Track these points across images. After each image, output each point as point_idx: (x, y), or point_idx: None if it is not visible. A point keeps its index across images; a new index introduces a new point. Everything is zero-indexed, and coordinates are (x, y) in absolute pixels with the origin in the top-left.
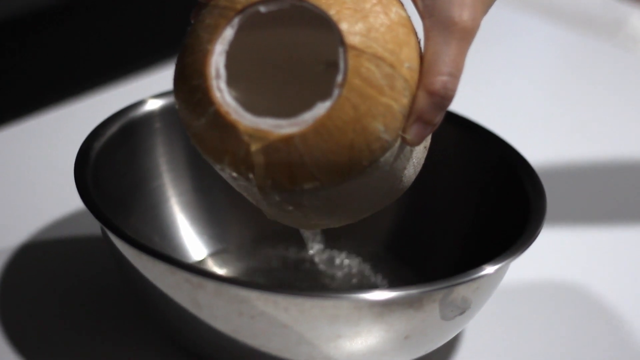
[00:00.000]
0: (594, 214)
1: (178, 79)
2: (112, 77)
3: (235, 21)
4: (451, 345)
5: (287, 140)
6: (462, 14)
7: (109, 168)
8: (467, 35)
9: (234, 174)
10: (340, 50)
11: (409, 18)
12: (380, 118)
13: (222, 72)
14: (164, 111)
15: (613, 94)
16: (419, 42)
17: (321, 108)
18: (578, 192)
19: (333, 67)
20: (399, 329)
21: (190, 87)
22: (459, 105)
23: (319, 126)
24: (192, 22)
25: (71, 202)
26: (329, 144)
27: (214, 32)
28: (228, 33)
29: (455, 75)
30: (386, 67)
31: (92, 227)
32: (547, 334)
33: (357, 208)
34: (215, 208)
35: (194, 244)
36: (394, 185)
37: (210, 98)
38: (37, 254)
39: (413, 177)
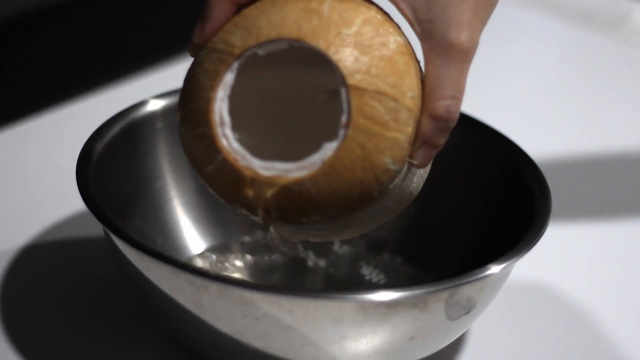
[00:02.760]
0: (598, 210)
1: (183, 125)
2: (114, 77)
3: (235, 66)
4: (456, 345)
5: (297, 184)
6: (460, 35)
7: (111, 169)
8: (466, 55)
9: (245, 213)
10: (343, 90)
11: (407, 43)
12: (388, 152)
13: (227, 118)
14: (166, 111)
15: (617, 89)
16: (419, 65)
17: (328, 149)
18: (583, 189)
19: (334, 95)
20: (404, 329)
21: (196, 134)
22: (463, 103)
23: (328, 168)
24: (190, 54)
25: (73, 203)
26: (339, 184)
27: (215, 78)
28: (228, 78)
29: (458, 97)
30: (389, 101)
31: (94, 228)
32: (552, 332)
33: (364, 227)
34: (218, 209)
35: (196, 245)
36: (402, 200)
37: (217, 146)
38: (39, 255)
39: (421, 184)
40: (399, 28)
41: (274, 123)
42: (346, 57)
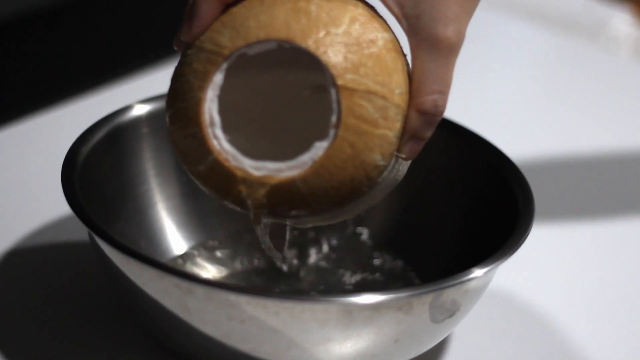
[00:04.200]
0: (581, 212)
1: (172, 124)
2: (99, 82)
3: (224, 66)
4: (440, 348)
5: (289, 183)
6: (447, 30)
7: (96, 173)
8: (453, 50)
9: (235, 208)
10: (333, 91)
11: (394, 38)
12: (377, 149)
13: (217, 118)
14: (151, 116)
15: (595, 94)
16: (406, 59)
17: (319, 149)
18: (564, 192)
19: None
20: (389, 332)
21: (186, 134)
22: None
23: (319, 167)
24: (176, 49)
25: (58, 207)
26: (329, 182)
27: (204, 79)
28: (218, 78)
29: (444, 91)
30: (379, 100)
31: (80, 232)
32: (534, 335)
33: (350, 214)
34: (202, 212)
35: (181, 248)
36: (388, 188)
37: (208, 147)
38: (24, 259)
39: (405, 170)
40: (386, 23)
41: (263, 121)
42: (336, 58)
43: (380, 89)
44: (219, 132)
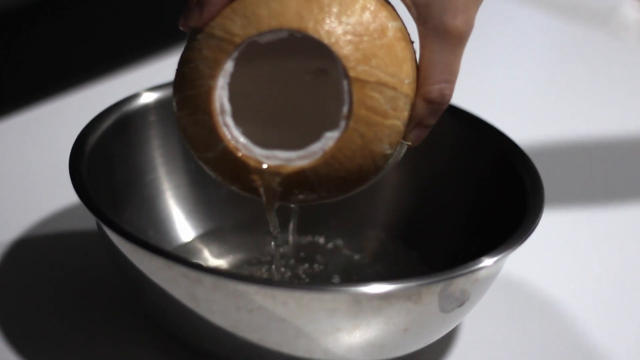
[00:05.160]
0: (590, 199)
1: (180, 110)
2: (106, 70)
3: (235, 55)
4: (450, 338)
5: (299, 173)
6: (456, 19)
7: (104, 162)
8: (461, 39)
9: (244, 194)
10: (345, 82)
11: (403, 27)
12: (386, 139)
13: (227, 106)
14: (158, 104)
15: (605, 81)
16: (413, 47)
17: (329, 139)
18: (573, 179)
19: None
20: (398, 321)
21: (195, 121)
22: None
23: (329, 157)
24: (182, 29)
25: (66, 196)
26: (339, 172)
27: (215, 67)
28: (228, 66)
29: (451, 80)
30: (389, 91)
31: (87, 221)
32: (544, 325)
33: (352, 194)
34: (211, 201)
35: (189, 237)
36: (389, 169)
37: (219, 135)
38: (32, 248)
39: (405, 149)
40: (394, 10)
41: (272, 108)
42: (348, 49)
43: (390, 80)
44: (229, 119)
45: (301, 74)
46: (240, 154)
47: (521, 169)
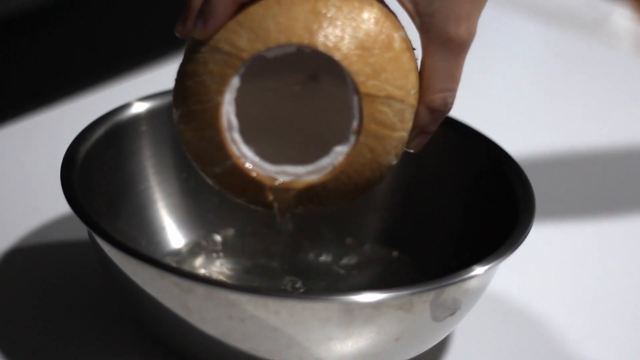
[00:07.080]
0: (581, 210)
1: (184, 124)
2: (98, 79)
3: (242, 70)
4: (441, 347)
5: (308, 189)
6: (459, 28)
7: (96, 171)
8: (463, 48)
9: (250, 206)
10: (355, 98)
11: (406, 36)
12: (393, 151)
13: (234, 122)
14: (150, 114)
15: (596, 89)
16: (414, 55)
17: (339, 154)
18: (565, 189)
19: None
20: (390, 330)
21: (202, 137)
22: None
23: (338, 173)
24: (178, 35)
25: (57, 205)
26: (347, 186)
27: (222, 82)
28: (235, 81)
29: (453, 88)
30: (397, 103)
31: (79, 230)
32: (536, 335)
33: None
34: (203, 210)
35: (181, 246)
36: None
37: (227, 152)
38: (24, 258)
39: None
40: (397, 19)
41: (276, 121)
42: (357, 64)
43: (399, 92)
44: (236, 135)
45: (294, 85)
46: (248, 170)
47: (513, 178)
